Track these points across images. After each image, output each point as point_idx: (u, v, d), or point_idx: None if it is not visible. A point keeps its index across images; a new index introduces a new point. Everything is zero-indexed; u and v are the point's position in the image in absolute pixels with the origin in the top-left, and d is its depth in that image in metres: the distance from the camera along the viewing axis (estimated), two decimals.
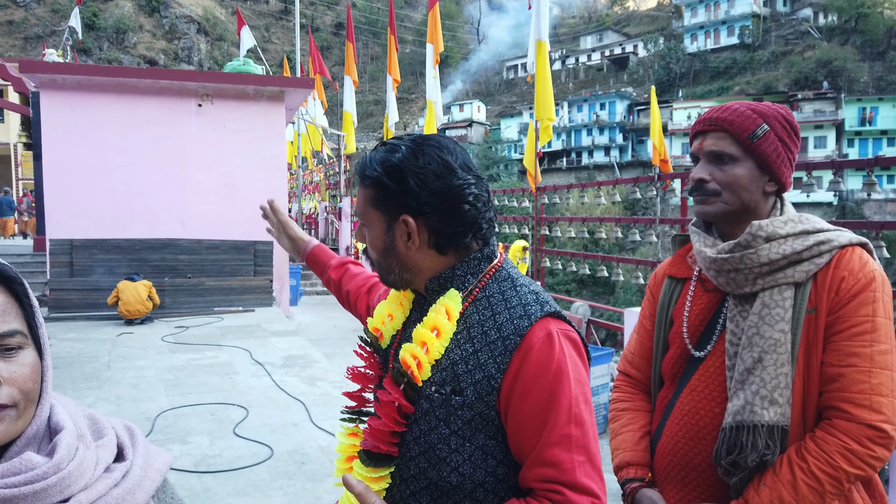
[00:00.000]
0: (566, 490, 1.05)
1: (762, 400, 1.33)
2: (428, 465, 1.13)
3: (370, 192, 1.22)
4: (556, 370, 1.06)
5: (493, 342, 1.10)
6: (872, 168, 3.84)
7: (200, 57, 66.71)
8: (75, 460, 0.83)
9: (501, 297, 1.15)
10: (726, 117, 1.45)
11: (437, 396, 1.12)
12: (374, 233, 1.23)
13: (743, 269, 1.41)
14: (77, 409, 0.92)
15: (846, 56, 50.68)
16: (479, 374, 1.09)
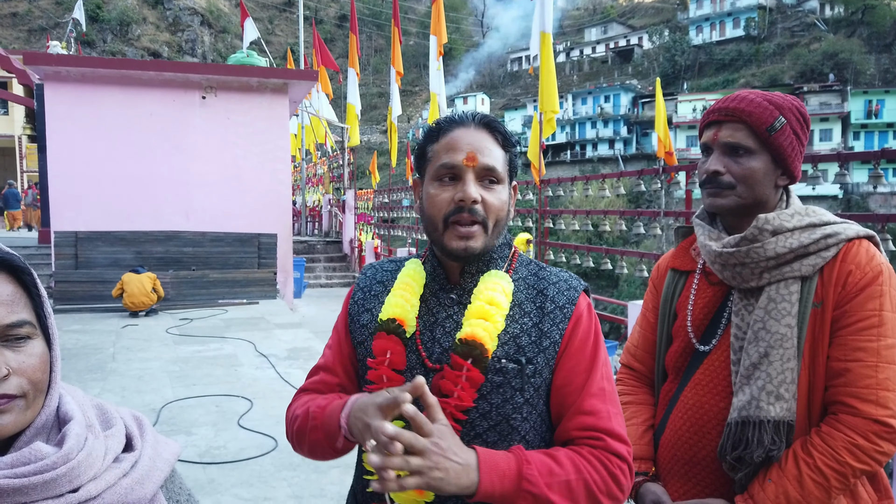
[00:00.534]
0: (605, 436, 1.15)
1: (768, 395, 1.32)
2: (498, 438, 1.17)
3: (508, 157, 1.25)
4: (596, 334, 1.23)
5: (552, 312, 1.21)
6: (878, 161, 3.82)
7: (204, 49, 66.63)
8: (84, 450, 0.83)
9: (537, 277, 1.26)
10: (744, 108, 1.40)
11: (512, 367, 1.17)
12: (503, 195, 1.22)
13: (749, 264, 1.39)
14: (86, 399, 0.92)
15: (852, 48, 50.35)
16: (545, 341, 1.19)
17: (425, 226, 1.24)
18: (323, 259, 15.75)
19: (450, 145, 1.20)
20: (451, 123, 1.23)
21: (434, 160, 1.22)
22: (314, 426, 1.20)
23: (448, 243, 1.18)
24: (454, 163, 1.18)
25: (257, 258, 11.26)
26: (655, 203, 33.39)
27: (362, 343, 1.28)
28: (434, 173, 1.21)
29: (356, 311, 1.32)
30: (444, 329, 1.22)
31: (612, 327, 8.94)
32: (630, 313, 5.33)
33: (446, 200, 1.18)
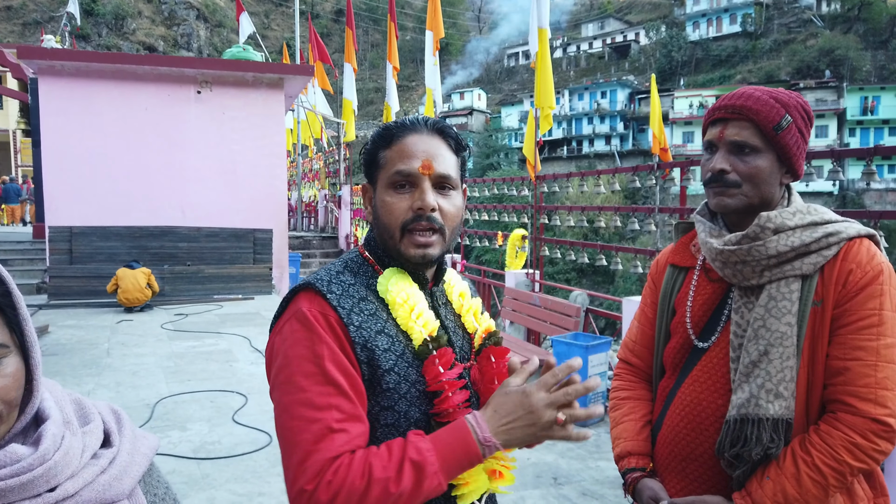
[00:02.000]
0: None
1: (767, 393, 1.32)
2: None
3: (460, 161, 1.25)
4: None
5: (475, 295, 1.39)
6: (872, 157, 3.83)
7: (200, 43, 66.37)
8: (61, 449, 0.82)
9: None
10: (751, 106, 1.39)
11: None
12: (458, 201, 1.23)
13: (750, 262, 1.39)
14: (63, 395, 0.91)
15: (849, 45, 50.40)
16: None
17: (379, 233, 1.22)
18: (319, 255, 15.75)
19: (404, 152, 1.17)
20: (404, 129, 1.20)
21: (388, 166, 1.19)
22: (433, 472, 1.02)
23: (406, 251, 1.17)
24: (410, 170, 1.16)
25: (253, 253, 11.25)
26: (651, 199, 33.45)
27: (391, 370, 1.13)
28: (388, 180, 1.18)
29: (367, 337, 1.13)
30: (451, 331, 1.27)
31: (608, 323, 8.95)
32: (625, 309, 5.34)
33: (403, 209, 1.16)
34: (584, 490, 3.93)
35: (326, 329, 1.09)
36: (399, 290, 1.18)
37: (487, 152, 55.25)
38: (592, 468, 4.27)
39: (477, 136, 59.42)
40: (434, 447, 1.04)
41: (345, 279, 1.18)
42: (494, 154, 54.88)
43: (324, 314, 1.11)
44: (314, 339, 1.09)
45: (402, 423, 1.14)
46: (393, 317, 1.18)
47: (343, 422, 1.05)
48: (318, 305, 1.12)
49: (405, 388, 1.14)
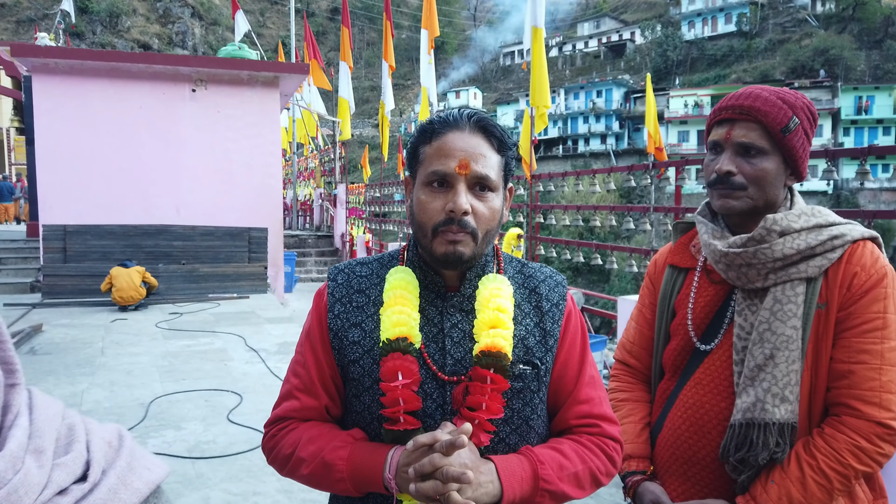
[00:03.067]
0: (600, 422, 1.25)
1: (773, 397, 1.31)
2: (519, 440, 1.20)
3: (504, 160, 1.20)
4: (582, 325, 1.30)
5: (550, 311, 1.25)
6: (866, 157, 3.85)
7: (195, 42, 66.16)
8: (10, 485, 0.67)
9: (524, 276, 1.28)
10: (759, 107, 1.36)
11: (530, 371, 1.20)
12: (496, 203, 1.18)
13: (756, 264, 1.37)
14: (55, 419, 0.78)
15: (843, 44, 50.57)
16: (550, 340, 1.23)
17: (414, 230, 1.20)
18: (314, 253, 15.72)
19: (442, 150, 1.14)
20: (445, 125, 1.17)
21: (426, 164, 1.16)
22: (339, 478, 1.12)
23: (436, 249, 1.15)
24: (446, 171, 1.13)
25: (248, 252, 11.22)
26: (646, 198, 33.50)
27: (356, 361, 1.18)
28: (425, 178, 1.16)
29: (340, 327, 1.21)
30: (452, 340, 1.19)
31: (603, 322, 8.97)
32: (620, 308, 5.35)
33: (437, 209, 1.14)
34: None
35: (317, 310, 1.26)
36: (392, 287, 1.18)
37: None
38: None
39: None
40: (350, 459, 1.13)
41: (361, 270, 1.27)
42: None
43: (322, 296, 1.26)
44: (308, 316, 1.28)
45: (366, 414, 1.19)
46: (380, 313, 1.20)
47: (299, 391, 1.23)
48: (324, 287, 1.27)
49: (368, 382, 1.18)
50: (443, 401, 1.16)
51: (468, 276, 1.21)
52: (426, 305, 1.20)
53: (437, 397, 1.16)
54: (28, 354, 6.84)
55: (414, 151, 1.21)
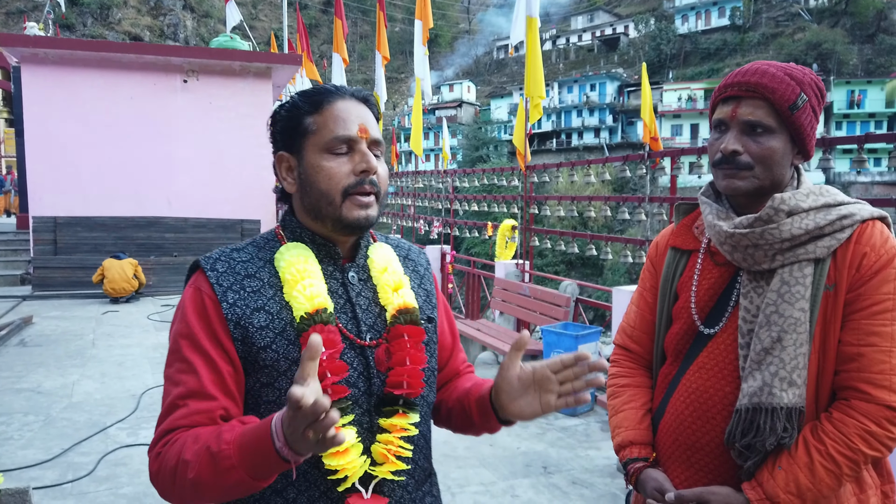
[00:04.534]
0: (471, 364, 1.44)
1: (781, 381, 1.28)
2: (430, 391, 1.28)
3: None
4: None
5: (424, 274, 1.37)
6: (862, 145, 3.84)
7: (186, 34, 65.69)
8: None
9: (392, 245, 1.36)
10: (766, 84, 1.32)
11: (430, 326, 1.30)
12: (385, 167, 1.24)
13: (762, 245, 1.33)
14: None
15: (836, 38, 50.67)
16: (433, 299, 1.35)
17: (312, 201, 1.17)
18: None
19: (339, 116, 1.17)
20: (330, 95, 1.19)
21: (322, 132, 1.17)
22: (229, 466, 0.97)
23: (348, 214, 1.16)
24: (350, 135, 1.16)
25: None
26: (640, 191, 33.55)
27: (268, 347, 1.11)
28: (325, 146, 1.16)
29: (241, 314, 1.11)
30: (361, 308, 1.21)
31: (597, 314, 8.95)
32: (615, 299, 5.33)
33: (344, 173, 1.16)
34: (574, 479, 3.92)
35: (197, 306, 1.12)
36: (290, 263, 1.16)
37: (477, 144, 55.00)
38: (582, 457, 4.27)
39: (466, 129, 59.23)
40: (237, 442, 0.98)
41: (238, 256, 1.18)
42: (484, 146, 54.66)
43: (200, 291, 1.14)
44: (182, 318, 1.13)
45: (282, 400, 1.10)
46: (283, 293, 1.15)
47: (185, 398, 1.07)
48: (199, 282, 1.15)
49: (285, 365, 1.12)
50: (364, 367, 1.17)
51: (360, 244, 1.26)
52: (327, 279, 1.20)
53: (357, 364, 1.16)
54: (18, 346, 6.77)
55: (297, 123, 1.19)
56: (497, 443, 4.45)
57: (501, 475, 3.95)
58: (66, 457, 4.09)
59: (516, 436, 4.62)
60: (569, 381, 1.14)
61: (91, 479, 3.79)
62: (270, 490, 1.12)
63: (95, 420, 4.73)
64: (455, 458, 4.13)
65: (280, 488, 1.12)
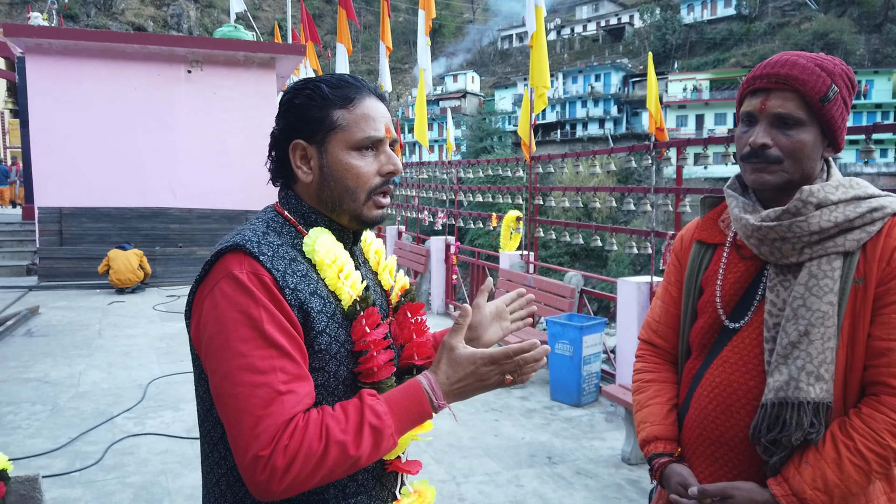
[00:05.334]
0: None
1: (808, 376, 1.26)
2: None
3: None
4: None
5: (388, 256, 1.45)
6: (870, 135, 3.82)
7: (190, 24, 65.54)
8: None
9: None
10: (797, 76, 1.29)
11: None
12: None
13: (790, 238, 1.31)
14: None
15: (843, 28, 50.29)
16: None
17: (334, 195, 1.18)
18: None
19: (367, 116, 1.18)
20: (359, 91, 1.19)
21: (351, 129, 1.16)
22: (390, 434, 1.06)
23: (368, 213, 1.20)
24: (380, 136, 1.18)
25: None
26: (646, 183, 33.42)
27: (324, 331, 1.12)
28: (354, 143, 1.17)
29: (303, 299, 1.10)
30: (371, 288, 1.28)
31: (601, 306, 8.94)
32: (619, 290, 5.32)
33: (371, 173, 1.18)
34: (579, 469, 3.93)
35: (262, 290, 1.05)
36: (327, 250, 1.17)
37: (481, 135, 54.82)
38: (586, 447, 4.28)
39: (470, 120, 59.04)
40: (391, 410, 1.08)
41: (272, 240, 1.14)
42: (488, 137, 54.51)
43: (257, 275, 1.06)
44: (249, 302, 1.04)
45: (331, 382, 1.14)
46: (322, 277, 1.16)
47: (290, 383, 1.03)
48: (250, 266, 1.07)
49: (335, 348, 1.14)
50: None
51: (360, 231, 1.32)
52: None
53: None
54: (25, 336, 6.81)
55: (324, 116, 1.17)
56: (502, 433, 4.46)
57: (506, 465, 3.96)
58: (74, 446, 4.12)
59: (521, 426, 4.63)
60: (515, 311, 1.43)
61: (99, 468, 3.81)
62: None
63: (102, 409, 4.76)
64: (460, 449, 4.15)
65: None
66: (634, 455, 4.01)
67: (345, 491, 1.16)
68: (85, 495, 3.49)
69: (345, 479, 1.16)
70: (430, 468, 3.87)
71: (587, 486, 3.70)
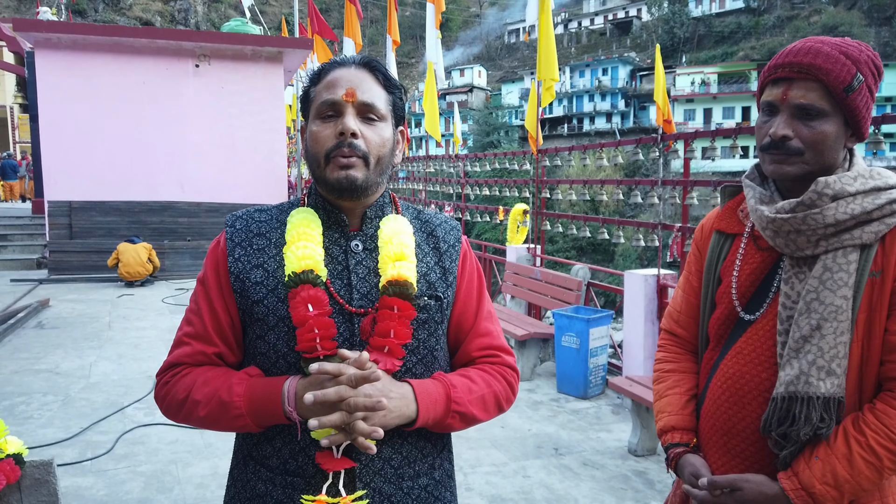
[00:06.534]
0: (499, 353, 1.36)
1: (819, 370, 1.23)
2: (424, 370, 1.27)
3: (392, 99, 1.29)
4: (479, 268, 1.40)
5: (447, 251, 1.33)
6: (879, 126, 3.80)
7: (197, 19, 65.60)
8: None
9: (421, 220, 1.36)
10: (820, 65, 1.24)
11: (434, 303, 1.27)
12: (385, 133, 1.25)
13: (805, 231, 1.28)
14: None
15: (852, 21, 49.90)
16: (449, 277, 1.31)
17: (310, 166, 1.25)
18: None
19: (330, 83, 1.22)
20: (332, 65, 1.25)
21: (316, 99, 1.23)
22: (237, 415, 1.15)
23: (330, 176, 1.19)
24: (334, 98, 1.20)
25: None
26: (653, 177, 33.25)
27: (260, 302, 1.19)
28: (315, 111, 1.22)
29: (242, 269, 1.22)
30: (357, 276, 1.23)
31: (608, 300, 8.94)
32: (626, 283, 5.32)
33: (328, 136, 1.20)
34: (585, 460, 3.95)
35: (213, 257, 1.27)
36: (294, 226, 1.23)
37: (487, 130, 54.70)
38: (593, 439, 4.29)
39: (477, 114, 58.95)
40: (247, 396, 1.16)
41: (259, 216, 1.29)
42: (494, 132, 54.41)
43: (218, 243, 1.27)
44: (205, 265, 1.28)
45: (271, 354, 1.20)
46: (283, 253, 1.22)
47: (191, 337, 1.25)
48: (221, 235, 1.28)
49: (273, 321, 1.19)
50: (350, 333, 1.20)
51: (368, 214, 1.28)
52: (330, 245, 1.25)
53: (343, 330, 1.20)
54: (36, 329, 6.87)
55: (305, 96, 1.27)
56: (508, 425, 4.48)
57: (513, 456, 3.98)
58: (85, 435, 4.17)
59: (527, 418, 4.65)
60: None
61: (110, 457, 3.86)
62: (262, 436, 1.23)
63: (113, 400, 4.81)
64: (467, 440, 4.17)
65: (271, 436, 1.22)
66: (641, 447, 4.02)
67: (285, 466, 1.21)
68: (96, 483, 3.54)
69: (286, 455, 1.21)
70: None
71: (594, 478, 3.71)
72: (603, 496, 3.50)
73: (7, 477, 2.32)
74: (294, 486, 1.19)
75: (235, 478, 1.30)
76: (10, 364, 5.63)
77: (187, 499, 3.39)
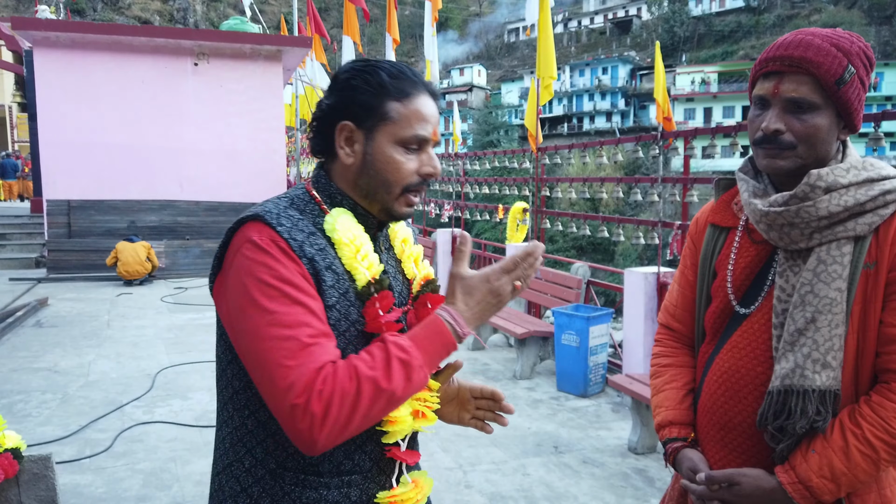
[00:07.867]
0: None
1: (814, 363, 1.23)
2: None
3: None
4: None
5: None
6: (879, 123, 3.79)
7: (196, 18, 65.59)
8: None
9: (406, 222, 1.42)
10: (811, 58, 1.23)
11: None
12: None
13: (798, 224, 1.28)
14: None
15: (853, 20, 49.92)
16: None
17: (371, 183, 1.18)
18: None
19: (421, 115, 1.17)
20: (417, 87, 1.19)
21: (401, 123, 1.16)
22: (418, 365, 1.06)
23: (398, 209, 1.21)
24: (428, 137, 1.18)
25: None
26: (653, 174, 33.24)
27: (334, 306, 1.12)
28: (402, 139, 1.16)
29: (317, 271, 1.11)
30: (390, 275, 1.27)
31: (608, 299, 8.94)
32: (627, 281, 5.31)
33: (411, 170, 1.18)
34: (585, 458, 3.94)
35: (283, 255, 1.07)
36: (346, 229, 1.17)
37: (487, 129, 54.62)
38: (593, 437, 4.28)
39: (476, 113, 58.91)
40: (415, 345, 1.08)
41: (292, 214, 1.15)
42: (494, 131, 54.35)
43: (276, 242, 1.08)
44: (273, 263, 1.06)
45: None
46: (338, 256, 1.16)
47: (315, 337, 1.04)
48: (269, 234, 1.08)
49: (344, 326, 1.13)
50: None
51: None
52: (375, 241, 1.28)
53: None
54: (34, 327, 6.86)
55: (379, 104, 1.16)
56: (508, 423, 4.47)
57: (513, 454, 3.97)
58: (84, 433, 4.16)
59: (527, 416, 4.64)
60: (482, 410, 1.40)
61: (108, 455, 3.85)
62: None
63: (112, 398, 4.80)
64: (466, 437, 4.16)
65: None
66: (641, 444, 4.01)
67: (339, 468, 1.16)
68: (95, 481, 3.53)
69: (340, 457, 1.16)
70: (438, 456, 3.89)
71: (593, 475, 3.70)
72: (603, 494, 3.49)
73: (5, 471, 2.32)
74: (351, 484, 1.17)
75: (257, 494, 1.15)
76: (8, 362, 5.62)
77: (186, 496, 3.38)
